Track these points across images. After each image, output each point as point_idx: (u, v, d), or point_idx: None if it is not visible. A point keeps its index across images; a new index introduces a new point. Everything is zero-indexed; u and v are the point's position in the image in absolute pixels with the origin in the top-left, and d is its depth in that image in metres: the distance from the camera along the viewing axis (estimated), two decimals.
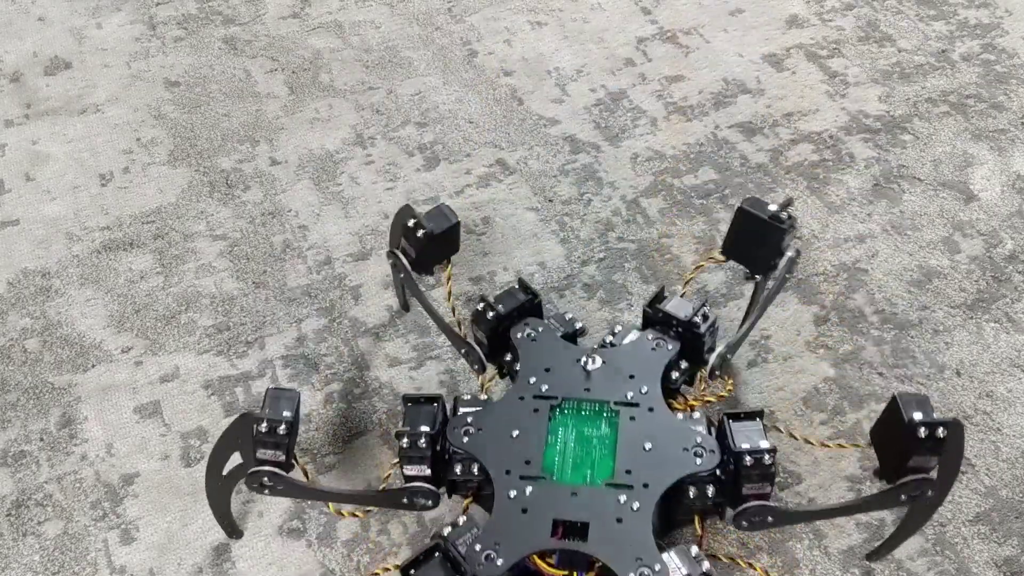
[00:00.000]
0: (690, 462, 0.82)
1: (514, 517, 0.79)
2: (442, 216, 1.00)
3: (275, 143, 1.30)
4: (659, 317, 0.92)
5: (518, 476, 0.82)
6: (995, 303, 1.09)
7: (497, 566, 0.76)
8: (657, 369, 0.89)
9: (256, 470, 0.84)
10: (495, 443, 0.84)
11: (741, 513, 0.81)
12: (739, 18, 1.44)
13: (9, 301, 1.14)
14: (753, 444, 0.80)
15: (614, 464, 0.82)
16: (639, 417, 0.85)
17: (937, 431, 0.78)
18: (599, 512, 0.79)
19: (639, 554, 0.77)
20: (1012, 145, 1.25)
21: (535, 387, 0.88)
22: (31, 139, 1.32)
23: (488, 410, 0.87)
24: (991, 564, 0.91)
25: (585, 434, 0.85)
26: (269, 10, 1.49)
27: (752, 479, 0.79)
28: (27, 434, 1.03)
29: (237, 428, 0.85)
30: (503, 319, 0.93)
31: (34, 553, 0.94)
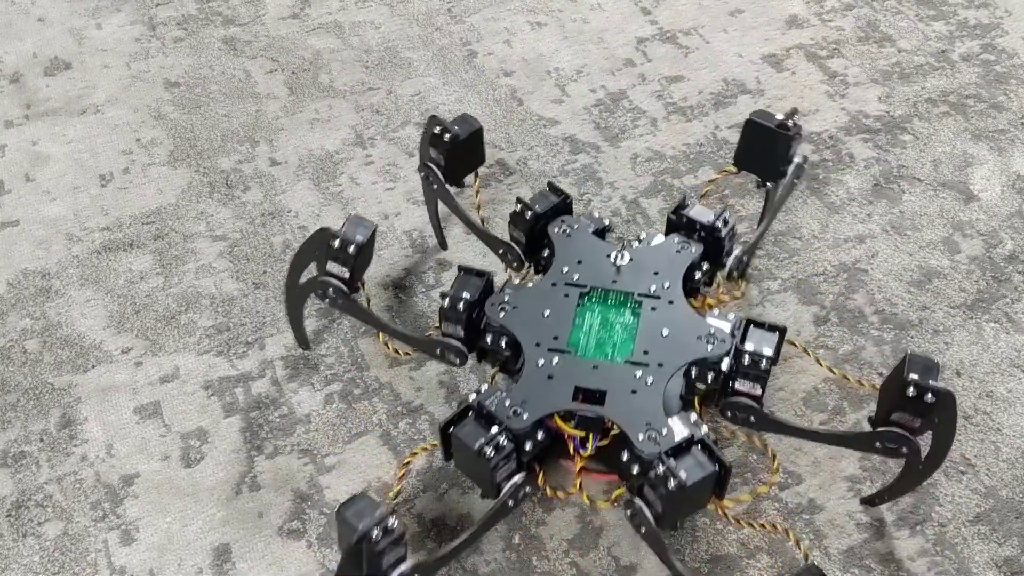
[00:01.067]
0: (702, 348, 0.90)
1: (540, 382, 0.89)
2: (466, 123, 1.05)
3: (275, 144, 1.30)
4: (682, 223, 1.00)
5: (546, 348, 0.91)
6: (995, 303, 1.09)
7: (523, 420, 0.86)
8: (680, 268, 0.97)
9: (323, 279, 0.94)
10: (527, 319, 0.93)
11: (729, 404, 0.88)
12: (739, 18, 1.44)
13: (9, 302, 1.14)
14: (757, 347, 0.87)
15: (633, 346, 0.91)
16: (660, 308, 0.94)
17: (926, 395, 0.81)
18: (616, 383, 0.88)
19: (649, 420, 0.85)
20: (1012, 145, 1.25)
21: (567, 276, 0.97)
22: (31, 140, 1.32)
23: (523, 292, 0.96)
24: (991, 564, 0.91)
25: (609, 320, 0.94)
26: (269, 11, 1.49)
27: (746, 377, 0.87)
28: (27, 435, 1.03)
29: (315, 240, 0.94)
30: (540, 218, 1.01)
31: (34, 554, 0.94)
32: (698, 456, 0.82)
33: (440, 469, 0.99)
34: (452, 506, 0.96)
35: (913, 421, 0.83)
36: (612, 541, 0.93)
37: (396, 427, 1.02)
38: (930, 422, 0.83)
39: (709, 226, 0.98)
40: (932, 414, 0.82)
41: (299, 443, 1.01)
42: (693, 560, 0.92)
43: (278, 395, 1.05)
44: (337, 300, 0.96)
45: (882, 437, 0.85)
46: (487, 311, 0.94)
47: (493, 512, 0.86)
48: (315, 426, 1.03)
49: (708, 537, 0.93)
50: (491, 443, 0.84)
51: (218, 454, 1.01)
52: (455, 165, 1.06)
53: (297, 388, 1.05)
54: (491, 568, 0.92)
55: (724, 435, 0.98)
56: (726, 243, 0.99)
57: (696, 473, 0.81)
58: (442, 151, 1.04)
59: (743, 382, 0.87)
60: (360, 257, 0.95)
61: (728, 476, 0.83)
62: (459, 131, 1.04)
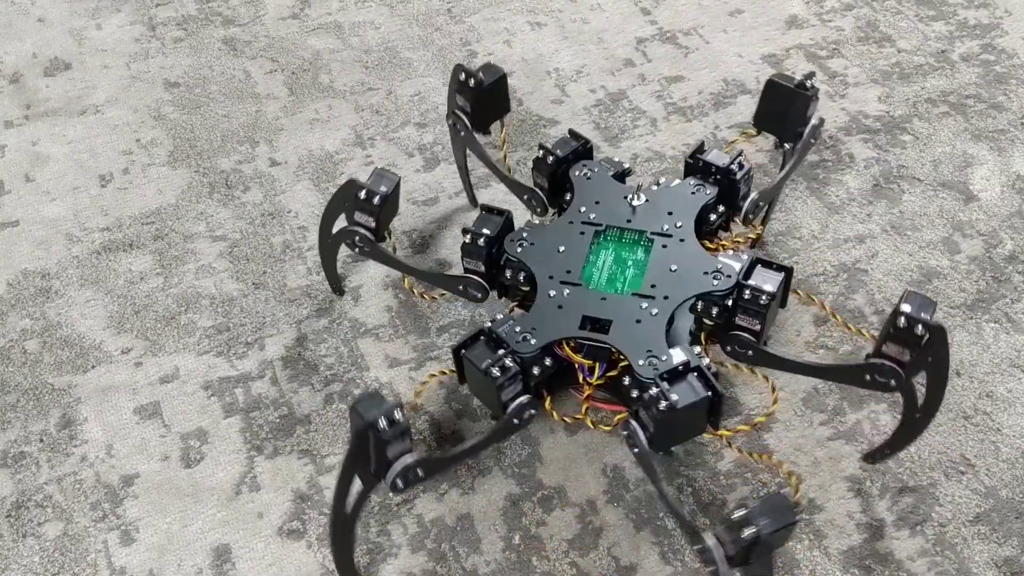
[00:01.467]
0: (708, 283, 0.93)
1: (550, 311, 0.93)
2: (490, 70, 1.08)
3: (275, 144, 1.30)
4: (699, 166, 1.02)
5: (559, 281, 0.95)
6: (995, 303, 1.09)
7: (531, 345, 0.90)
8: (694, 208, 1.00)
9: (351, 229, 1.01)
10: (543, 254, 0.97)
11: (730, 337, 0.91)
12: (739, 18, 1.44)
13: (9, 302, 1.14)
14: (759, 284, 0.89)
15: (642, 280, 0.95)
16: (671, 246, 0.97)
17: (916, 327, 0.82)
18: (622, 314, 0.92)
19: (650, 348, 0.89)
20: (1012, 145, 1.25)
21: (584, 215, 1.00)
22: (31, 140, 1.32)
23: (541, 229, 1.00)
24: (991, 564, 0.91)
25: (622, 256, 0.98)
26: (269, 11, 1.49)
27: (746, 312, 0.89)
28: (27, 435, 1.03)
29: (343, 192, 1.01)
30: (561, 162, 1.04)
31: (34, 554, 0.94)
32: (692, 381, 0.84)
33: None
34: (452, 506, 0.96)
35: (903, 354, 0.83)
36: (612, 541, 0.94)
37: None
38: (923, 359, 0.84)
39: (724, 169, 1.01)
40: (924, 351, 0.83)
41: (299, 443, 1.01)
42: (693, 561, 0.92)
43: (278, 395, 1.05)
44: (365, 248, 1.02)
45: (872, 369, 0.85)
46: (506, 246, 0.98)
47: (498, 428, 0.89)
48: (315, 426, 1.03)
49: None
50: (497, 364, 0.88)
51: (218, 454, 1.01)
52: (481, 112, 1.09)
53: (297, 388, 1.05)
54: (491, 568, 0.92)
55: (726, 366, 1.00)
56: (741, 187, 1.02)
57: (688, 396, 0.83)
58: (468, 98, 1.08)
59: (743, 317, 0.90)
60: (385, 207, 1.00)
61: (721, 405, 0.85)
62: (484, 78, 1.07)
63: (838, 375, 0.92)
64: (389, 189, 0.99)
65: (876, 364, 0.85)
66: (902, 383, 0.85)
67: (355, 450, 0.81)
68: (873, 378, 0.85)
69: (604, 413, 0.99)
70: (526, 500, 0.97)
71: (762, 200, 1.03)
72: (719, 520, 0.78)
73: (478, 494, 0.97)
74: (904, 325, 0.82)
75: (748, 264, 0.92)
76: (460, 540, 0.94)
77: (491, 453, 1.00)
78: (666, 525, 0.94)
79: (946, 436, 0.99)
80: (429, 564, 0.93)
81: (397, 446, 0.81)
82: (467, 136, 1.10)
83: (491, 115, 1.11)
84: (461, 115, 1.09)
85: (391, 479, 0.82)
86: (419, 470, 0.83)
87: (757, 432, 0.99)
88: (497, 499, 0.97)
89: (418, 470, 0.83)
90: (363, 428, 0.79)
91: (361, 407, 0.79)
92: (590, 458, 0.99)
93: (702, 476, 0.97)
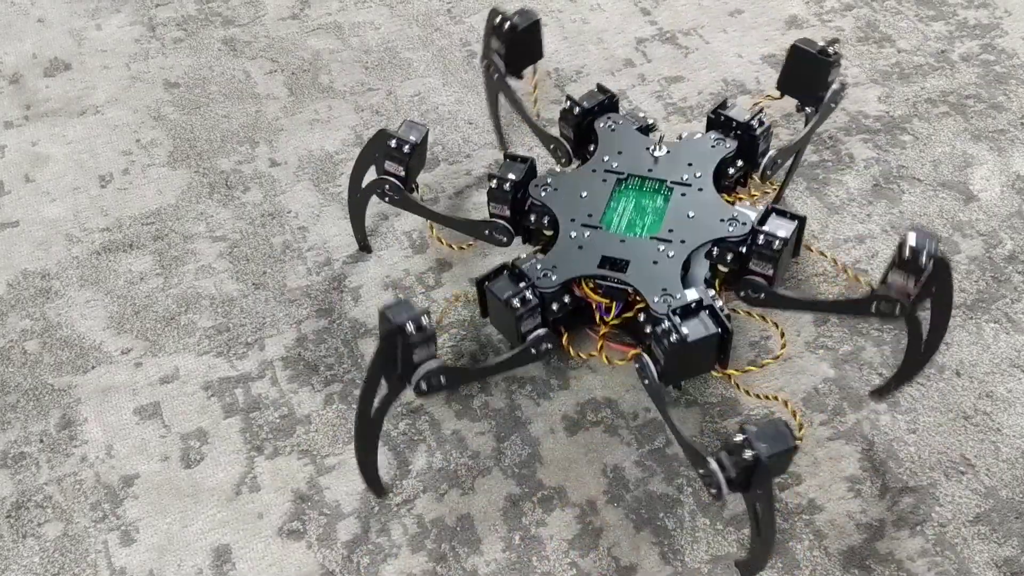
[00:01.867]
0: (723, 230, 0.97)
1: (571, 251, 0.97)
2: (524, 14, 1.13)
3: (275, 144, 1.30)
4: (721, 121, 1.06)
5: (580, 224, 0.99)
6: (995, 303, 1.09)
7: (552, 281, 0.94)
8: (714, 160, 1.03)
9: (382, 178, 1.05)
10: (565, 198, 1.01)
11: (744, 283, 0.94)
12: (738, 19, 1.44)
13: (9, 303, 1.14)
14: (773, 230, 0.93)
15: (661, 225, 0.99)
16: (689, 194, 1.01)
17: (920, 256, 0.86)
18: (640, 255, 0.96)
19: (665, 286, 0.93)
20: (1012, 145, 1.25)
21: (607, 164, 1.04)
22: (31, 140, 1.32)
23: (564, 176, 1.04)
24: (991, 564, 0.91)
25: (642, 203, 1.02)
26: (268, 11, 1.49)
27: (760, 257, 0.93)
28: (27, 436, 1.03)
29: (374, 142, 1.05)
30: (587, 113, 1.08)
31: (34, 555, 0.94)
32: (704, 318, 0.88)
33: (440, 470, 0.99)
34: (452, 506, 0.96)
35: (907, 284, 0.87)
36: (612, 542, 0.94)
37: (396, 428, 1.02)
38: (927, 290, 0.88)
39: (744, 124, 1.04)
40: (928, 282, 0.87)
41: (299, 444, 1.01)
42: (693, 561, 0.92)
43: (278, 396, 1.05)
44: (395, 196, 1.06)
45: (878, 298, 0.89)
46: (530, 191, 1.02)
47: (515, 354, 0.94)
48: (315, 427, 1.03)
49: (708, 538, 0.93)
50: (518, 296, 0.92)
51: (218, 455, 1.01)
52: (514, 56, 1.14)
53: (297, 389, 1.05)
54: (491, 569, 0.92)
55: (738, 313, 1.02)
56: (760, 142, 1.05)
57: (698, 331, 0.86)
58: (503, 40, 1.12)
59: (757, 262, 0.94)
60: (414, 156, 1.04)
61: (730, 343, 0.88)
62: (518, 21, 1.11)
63: (846, 308, 0.96)
64: (419, 139, 1.04)
65: (881, 294, 0.88)
66: (906, 312, 0.88)
67: (383, 352, 0.85)
68: (878, 307, 0.89)
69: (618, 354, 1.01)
70: (526, 500, 0.97)
71: (780, 158, 1.06)
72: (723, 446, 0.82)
73: (478, 494, 0.97)
74: (909, 257, 0.86)
75: (763, 212, 0.95)
76: (460, 540, 0.94)
77: (491, 453, 1.00)
78: (666, 525, 0.94)
79: (946, 436, 0.99)
80: (429, 564, 0.93)
81: (423, 351, 0.86)
82: (500, 80, 1.14)
83: (524, 59, 1.16)
84: (495, 58, 1.13)
85: (416, 381, 0.87)
86: (442, 377, 0.88)
87: None
88: (497, 499, 0.97)
89: (441, 377, 0.88)
90: (392, 331, 0.83)
91: (390, 311, 0.84)
92: (590, 458, 0.99)
93: None
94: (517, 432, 1.01)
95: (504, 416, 1.03)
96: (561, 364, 1.06)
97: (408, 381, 0.87)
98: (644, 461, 0.99)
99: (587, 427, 1.01)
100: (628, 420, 1.02)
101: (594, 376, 1.05)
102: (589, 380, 1.05)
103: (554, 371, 1.06)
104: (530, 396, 1.04)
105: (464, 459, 1.00)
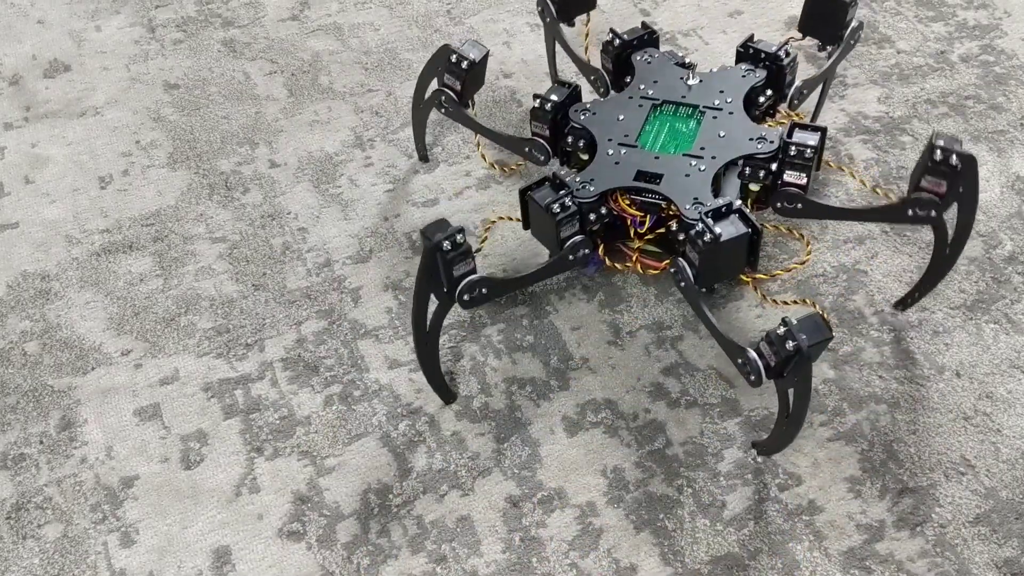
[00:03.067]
0: (752, 147, 1.03)
1: (608, 166, 1.04)
2: None
3: (274, 145, 1.30)
4: (749, 53, 1.13)
5: (616, 143, 1.06)
6: (994, 304, 1.09)
7: (589, 191, 1.01)
8: (743, 88, 1.10)
9: (440, 89, 1.12)
10: (603, 121, 1.08)
11: (779, 194, 0.99)
12: (738, 20, 1.44)
13: (9, 304, 1.14)
14: (802, 139, 0.98)
15: (693, 144, 1.05)
16: (720, 117, 1.08)
17: (951, 157, 0.90)
18: (673, 169, 1.03)
19: (697, 195, 0.99)
20: (1011, 146, 1.25)
21: (643, 91, 1.12)
22: (30, 142, 1.32)
23: (602, 102, 1.12)
24: (991, 565, 0.91)
25: (675, 126, 1.09)
26: (268, 12, 1.49)
27: (793, 167, 0.98)
28: (27, 437, 1.03)
29: (437, 56, 1.12)
30: (627, 46, 1.16)
31: (34, 556, 0.94)
32: (734, 220, 0.94)
33: (440, 471, 0.99)
34: (452, 507, 0.96)
35: (939, 186, 0.92)
36: (612, 543, 0.94)
37: (396, 429, 1.02)
38: (955, 190, 0.92)
39: (772, 55, 1.12)
40: (957, 180, 0.91)
41: (299, 445, 1.01)
42: (693, 562, 0.92)
43: (278, 397, 1.05)
44: (450, 108, 1.12)
45: (912, 204, 0.93)
46: (570, 115, 1.09)
47: (555, 261, 1.00)
48: (315, 428, 1.03)
49: (708, 539, 0.93)
50: (558, 202, 0.98)
51: (218, 456, 1.01)
52: (566, 2, 1.21)
53: (297, 390, 1.05)
54: (491, 570, 0.92)
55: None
56: (787, 72, 1.12)
57: (730, 230, 0.92)
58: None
59: (791, 172, 0.98)
60: (471, 72, 1.10)
61: (759, 244, 0.94)
62: None
63: (882, 215, 1.01)
64: (478, 57, 1.10)
65: (915, 198, 0.93)
66: (940, 219, 0.93)
67: (425, 268, 0.91)
68: (914, 212, 0.94)
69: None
70: (526, 501, 0.97)
71: (806, 88, 1.14)
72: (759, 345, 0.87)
73: (478, 495, 0.97)
74: (940, 158, 0.90)
75: (787, 128, 1.01)
76: (460, 542, 0.94)
77: (491, 454, 1.00)
78: (666, 526, 0.94)
79: (946, 437, 0.99)
80: (429, 566, 0.93)
81: (462, 266, 0.92)
82: (552, 23, 1.22)
83: (576, 7, 1.23)
84: (548, 2, 1.20)
85: (459, 294, 0.93)
86: (483, 288, 0.94)
87: (755, 422, 1.00)
88: (497, 500, 0.97)
89: (483, 288, 0.94)
90: (431, 248, 0.89)
91: (428, 231, 0.90)
92: (590, 459, 0.99)
93: (702, 477, 0.97)
94: (517, 433, 1.01)
95: (504, 417, 1.03)
96: (565, 366, 1.06)
97: (453, 295, 0.93)
98: (644, 462, 0.99)
99: (587, 428, 1.01)
100: (628, 421, 1.02)
101: (594, 377, 1.05)
102: (589, 381, 1.05)
103: (554, 372, 1.06)
104: (530, 397, 1.04)
105: (464, 460, 1.00)
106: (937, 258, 1.01)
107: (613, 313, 1.10)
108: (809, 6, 1.16)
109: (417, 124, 1.23)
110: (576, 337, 1.09)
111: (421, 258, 0.91)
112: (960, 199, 0.94)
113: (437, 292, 0.94)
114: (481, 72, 1.12)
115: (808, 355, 0.83)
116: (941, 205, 0.93)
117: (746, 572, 0.91)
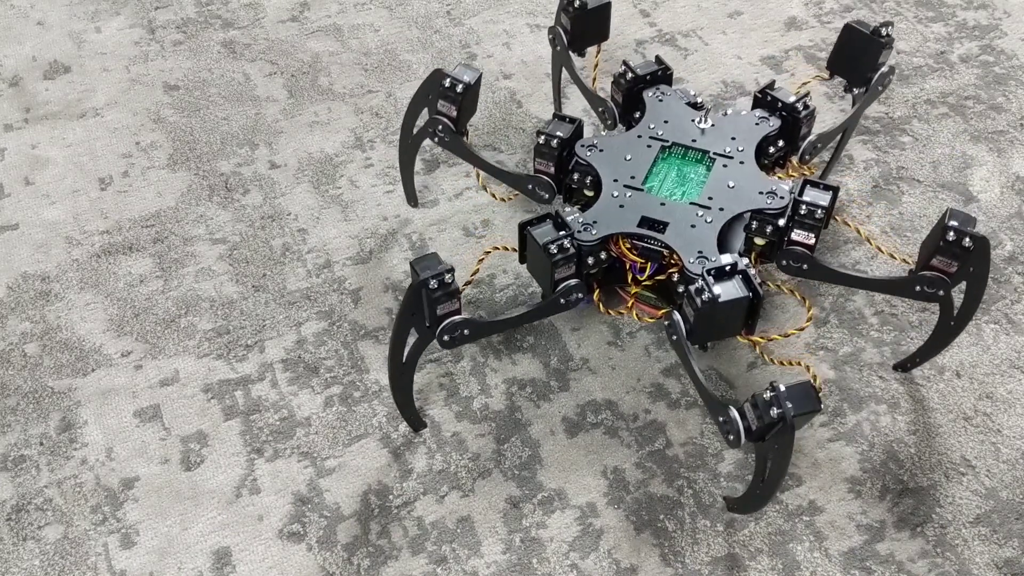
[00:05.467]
0: (761, 201, 0.99)
1: (612, 209, 1.00)
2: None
3: (274, 146, 1.30)
4: (767, 100, 1.09)
5: (622, 184, 1.02)
6: (995, 304, 1.09)
7: (592, 234, 0.97)
8: (756, 136, 1.06)
9: (434, 118, 1.06)
10: (610, 160, 1.05)
11: (785, 253, 0.96)
12: (738, 20, 1.44)
13: (9, 305, 1.14)
14: (813, 199, 0.95)
15: (701, 192, 1.02)
16: (731, 166, 1.04)
17: (964, 240, 0.89)
18: (679, 218, 0.99)
19: (702, 249, 0.96)
20: (1011, 146, 1.25)
21: (653, 131, 1.08)
22: (30, 143, 1.32)
23: (610, 139, 1.07)
24: (992, 565, 0.91)
25: (684, 171, 1.05)
26: (268, 14, 1.49)
27: (802, 226, 0.95)
28: (27, 438, 1.03)
29: (429, 82, 1.06)
30: (639, 80, 1.11)
31: (34, 557, 0.94)
32: (737, 281, 0.89)
33: (440, 472, 0.99)
34: (452, 508, 0.96)
35: (950, 266, 0.90)
36: (612, 543, 0.94)
37: (396, 430, 1.02)
38: (965, 269, 0.90)
39: (789, 105, 1.07)
40: (968, 260, 0.90)
41: (299, 446, 1.01)
42: (693, 563, 0.92)
43: (278, 398, 1.05)
44: (445, 138, 1.07)
45: (921, 280, 0.91)
46: (576, 151, 1.05)
47: (545, 304, 0.97)
48: (315, 429, 1.03)
49: (708, 539, 0.93)
50: (556, 243, 0.94)
51: (218, 457, 1.01)
52: (579, 33, 1.17)
53: (297, 391, 1.05)
54: (491, 571, 0.92)
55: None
56: (803, 124, 1.07)
57: (730, 292, 0.88)
58: (569, 17, 1.15)
59: (799, 231, 0.95)
60: (466, 97, 1.05)
61: (759, 309, 0.89)
62: (587, 1, 1.14)
63: (888, 287, 0.97)
64: (472, 80, 1.05)
65: (926, 276, 0.91)
66: (947, 297, 0.91)
67: (409, 302, 0.90)
68: (922, 289, 0.92)
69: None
70: (526, 502, 0.97)
71: (820, 142, 1.08)
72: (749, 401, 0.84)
73: (478, 496, 0.97)
74: (953, 238, 0.88)
75: (799, 185, 0.97)
76: (460, 542, 0.94)
77: (491, 455, 1.00)
78: (667, 527, 0.94)
79: (946, 437, 0.99)
80: (429, 567, 0.93)
81: (447, 305, 0.90)
82: (562, 52, 1.17)
83: (589, 38, 1.18)
84: (560, 31, 1.16)
85: (440, 333, 0.91)
86: (466, 330, 0.92)
87: None
88: (497, 501, 0.97)
89: (465, 330, 0.92)
90: (416, 284, 0.88)
91: (418, 265, 0.88)
92: (590, 460, 0.99)
93: (702, 478, 0.97)
94: (517, 434, 1.01)
95: (504, 418, 1.03)
96: (565, 366, 1.06)
97: (434, 332, 0.91)
98: (644, 463, 0.99)
99: (587, 429, 1.01)
100: (628, 422, 1.02)
101: (594, 378, 1.05)
102: (589, 382, 1.05)
103: (554, 373, 1.06)
104: (530, 398, 1.04)
105: (464, 461, 1.00)
106: (941, 329, 0.98)
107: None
108: (841, 43, 1.11)
109: (406, 163, 1.16)
110: (576, 338, 1.09)
111: (406, 293, 0.89)
112: (970, 278, 0.92)
113: (419, 327, 0.92)
114: (475, 97, 1.08)
115: (792, 425, 0.80)
116: (950, 284, 0.91)
117: (746, 572, 0.91)
